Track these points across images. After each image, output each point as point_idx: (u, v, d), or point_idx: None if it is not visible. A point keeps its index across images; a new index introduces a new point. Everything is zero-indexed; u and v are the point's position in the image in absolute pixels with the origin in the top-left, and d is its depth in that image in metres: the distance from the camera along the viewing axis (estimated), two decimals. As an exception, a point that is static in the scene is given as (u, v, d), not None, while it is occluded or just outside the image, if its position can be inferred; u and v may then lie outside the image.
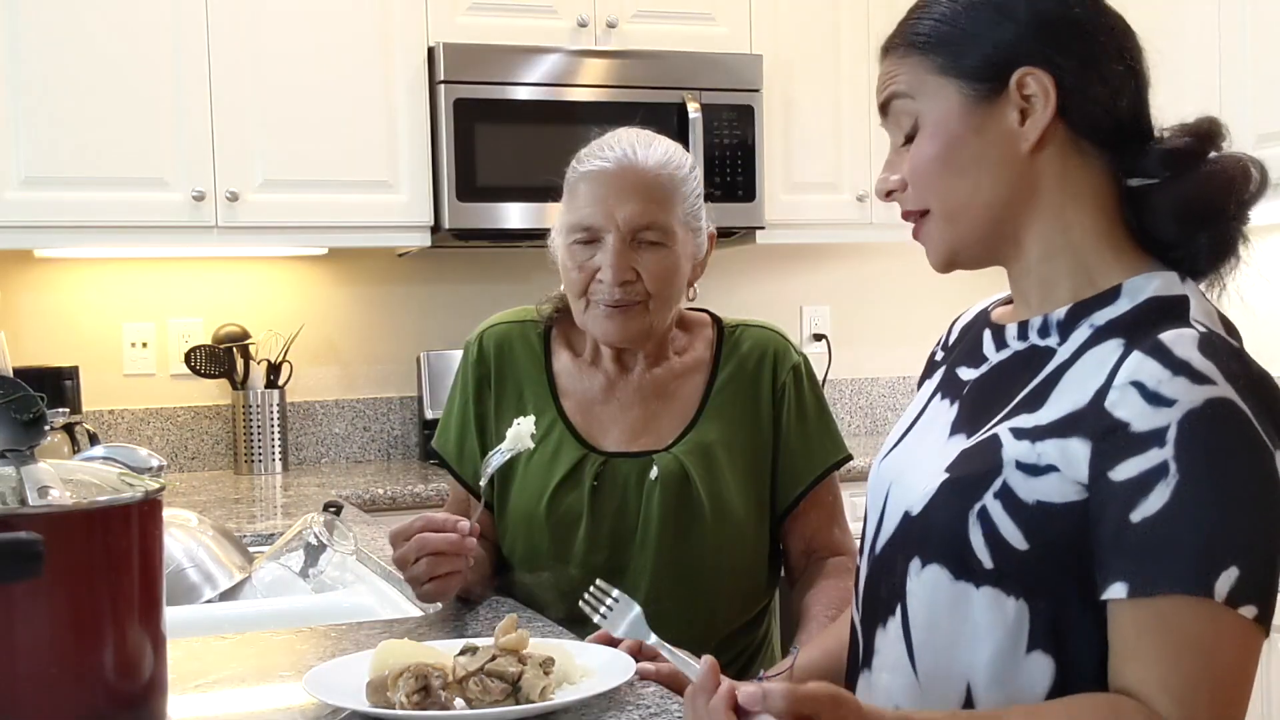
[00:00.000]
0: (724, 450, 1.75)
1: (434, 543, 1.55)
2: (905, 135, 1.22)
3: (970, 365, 1.27)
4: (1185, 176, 1.16)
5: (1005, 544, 1.12)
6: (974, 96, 1.18)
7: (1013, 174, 1.17)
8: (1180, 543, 1.04)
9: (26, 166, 2.97)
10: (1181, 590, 1.03)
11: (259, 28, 3.12)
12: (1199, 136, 1.18)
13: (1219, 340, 1.11)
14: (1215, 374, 1.07)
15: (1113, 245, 1.19)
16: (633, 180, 1.68)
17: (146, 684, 1.13)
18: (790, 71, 3.52)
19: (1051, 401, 1.14)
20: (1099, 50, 1.18)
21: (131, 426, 3.41)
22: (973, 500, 1.14)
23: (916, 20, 1.23)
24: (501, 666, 1.19)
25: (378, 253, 3.56)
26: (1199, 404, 1.06)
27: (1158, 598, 1.04)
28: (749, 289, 3.90)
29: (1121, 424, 1.07)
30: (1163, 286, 1.16)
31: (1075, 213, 1.18)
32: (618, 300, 1.69)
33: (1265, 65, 2.90)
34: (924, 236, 1.24)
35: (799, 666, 1.48)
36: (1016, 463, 1.12)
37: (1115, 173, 1.18)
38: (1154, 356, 1.08)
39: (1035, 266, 1.20)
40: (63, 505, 1.08)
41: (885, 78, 1.24)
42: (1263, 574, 1.05)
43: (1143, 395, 1.07)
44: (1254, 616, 1.04)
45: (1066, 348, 1.16)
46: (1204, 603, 1.03)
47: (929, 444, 1.24)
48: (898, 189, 1.24)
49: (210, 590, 1.88)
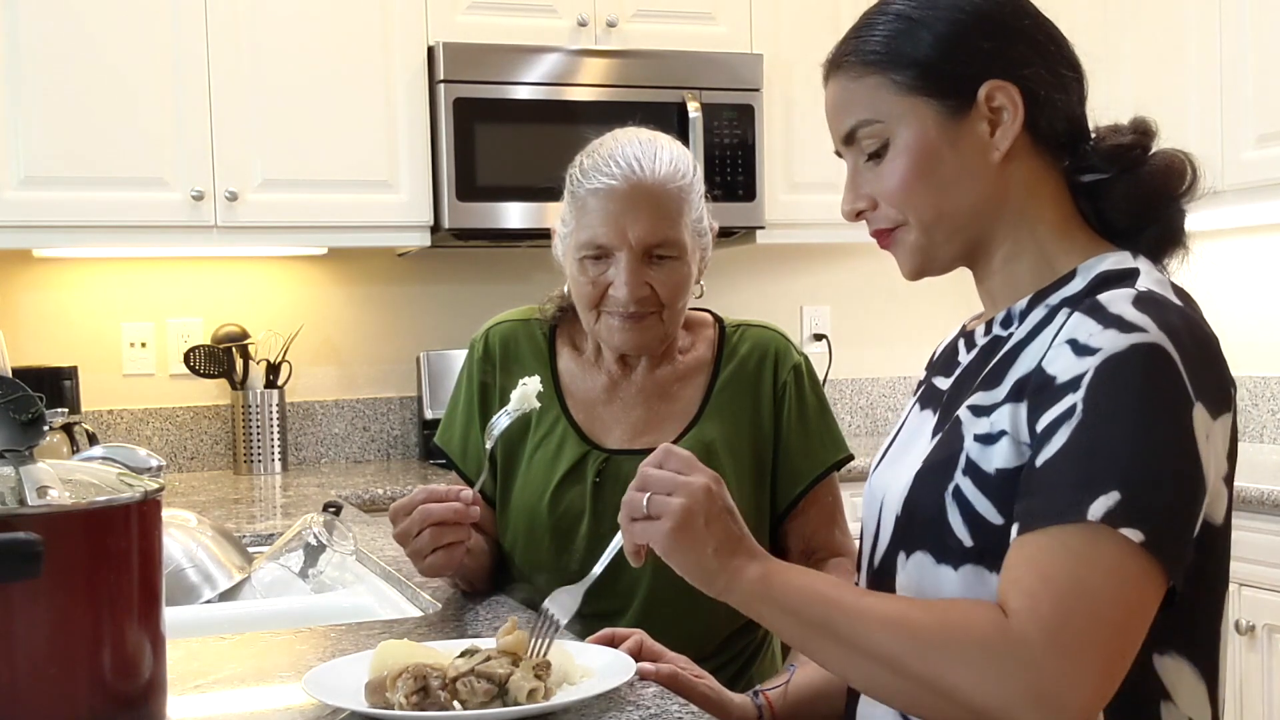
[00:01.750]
0: (725, 449, 1.75)
1: (438, 513, 1.56)
2: (869, 155, 1.25)
3: (946, 374, 1.31)
4: (1133, 170, 1.22)
5: (982, 520, 1.14)
6: (945, 112, 1.21)
7: (986, 183, 1.22)
8: (1064, 476, 1.06)
9: (25, 166, 2.97)
10: (1058, 520, 1.05)
11: (258, 27, 3.12)
12: (1139, 133, 1.24)
13: (1161, 298, 1.14)
14: (1148, 324, 1.10)
15: (1069, 235, 1.24)
16: (644, 197, 1.68)
17: (145, 684, 1.13)
18: (790, 71, 3.52)
19: (1006, 378, 1.18)
20: (1052, 59, 1.23)
21: (130, 426, 3.41)
22: (946, 481, 1.17)
23: (863, 37, 1.25)
24: (491, 668, 1.18)
25: (377, 252, 3.56)
26: (1122, 348, 1.09)
27: (1038, 531, 1.06)
28: (749, 289, 3.90)
29: (1051, 378, 1.11)
30: (1115, 263, 1.20)
31: (1037, 210, 1.23)
32: (633, 313, 1.70)
33: (1265, 65, 2.90)
34: (897, 247, 1.27)
35: (794, 683, 1.49)
36: (974, 435, 1.16)
37: (1067, 169, 1.24)
38: (1089, 314, 1.12)
39: (1001, 266, 1.25)
40: (62, 505, 1.08)
41: (842, 105, 1.27)
42: (1150, 499, 1.04)
43: (1073, 349, 1.11)
44: (1141, 541, 1.03)
45: (1022, 330, 1.21)
46: (1076, 526, 1.04)
47: (914, 452, 1.27)
48: (868, 208, 1.26)
49: (209, 590, 1.88)
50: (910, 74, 1.21)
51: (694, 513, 1.17)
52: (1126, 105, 1.29)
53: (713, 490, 1.19)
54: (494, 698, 1.17)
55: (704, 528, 1.17)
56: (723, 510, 1.20)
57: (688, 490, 1.19)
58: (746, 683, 1.67)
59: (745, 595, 1.16)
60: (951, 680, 1.05)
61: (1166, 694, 1.15)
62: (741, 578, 1.16)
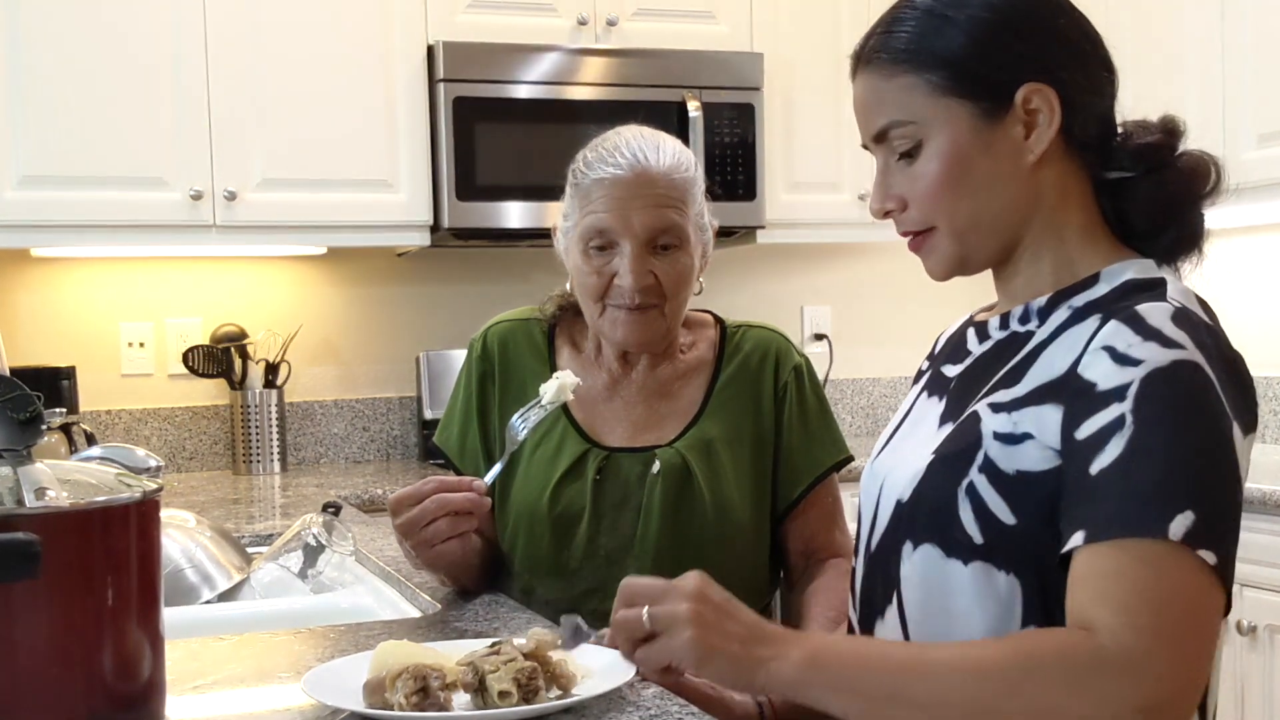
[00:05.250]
0: (725, 447, 1.75)
1: (455, 502, 1.56)
2: (900, 154, 1.22)
3: (954, 362, 1.29)
4: (1159, 170, 1.21)
5: (994, 518, 1.13)
6: (980, 115, 1.19)
7: (1019, 186, 1.20)
8: (1135, 488, 1.04)
9: (24, 165, 2.97)
10: (1136, 533, 1.03)
11: (257, 26, 3.12)
12: (1167, 133, 1.22)
13: (1195, 316, 1.14)
14: (1186, 341, 1.09)
15: (1094, 238, 1.23)
16: (649, 185, 1.69)
17: (144, 685, 1.12)
18: (791, 70, 3.52)
19: (1029, 376, 1.16)
20: (1088, 60, 1.22)
21: (129, 427, 3.40)
22: (960, 476, 1.15)
23: (893, 33, 1.22)
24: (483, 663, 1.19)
25: (377, 252, 3.56)
26: (1165, 364, 1.08)
27: (1114, 541, 1.03)
28: (749, 289, 3.90)
29: (1090, 384, 1.10)
30: (1140, 271, 1.19)
31: (1065, 213, 1.22)
32: (637, 304, 1.70)
33: (1265, 65, 2.90)
34: (928, 251, 1.25)
35: None
36: (994, 434, 1.15)
37: (1092, 168, 1.23)
38: (1128, 324, 1.11)
39: (1025, 267, 1.24)
40: (60, 506, 1.07)
41: (874, 103, 1.24)
42: (1218, 523, 1.04)
43: (1112, 357, 1.09)
44: (1213, 564, 1.02)
45: (1045, 329, 1.20)
46: (1160, 543, 1.02)
47: (919, 437, 1.26)
48: (897, 208, 1.24)
49: (208, 591, 1.88)
50: (944, 74, 1.18)
51: (703, 611, 1.10)
52: (1126, 105, 1.28)
53: (706, 582, 1.13)
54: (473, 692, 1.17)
55: (722, 623, 1.10)
56: (726, 599, 1.14)
57: (682, 592, 1.11)
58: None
59: (793, 683, 1.09)
60: (1048, 706, 1.01)
61: None
62: (785, 664, 1.09)
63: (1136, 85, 3.18)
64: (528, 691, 1.17)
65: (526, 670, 1.18)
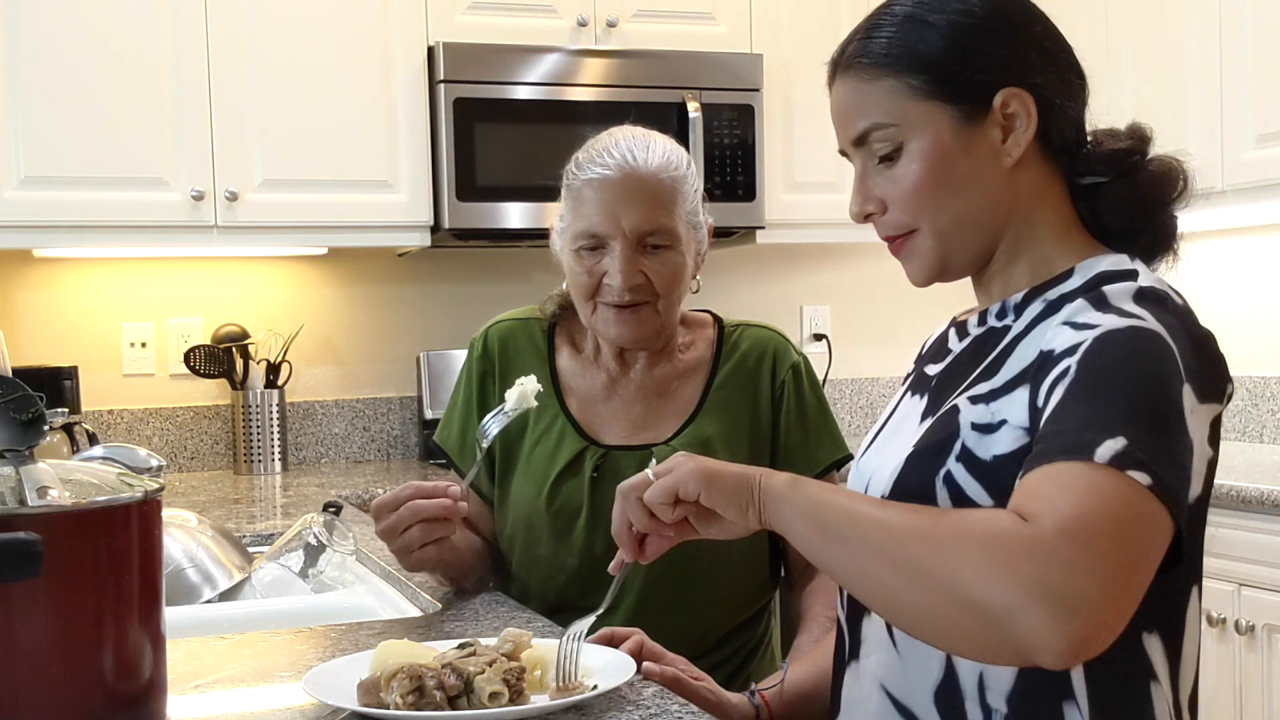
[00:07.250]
0: (723, 445, 1.76)
1: (427, 509, 1.57)
2: (880, 157, 1.24)
3: (936, 361, 1.32)
4: (1130, 174, 1.24)
5: (971, 503, 1.14)
6: (960, 118, 1.21)
7: (998, 188, 1.23)
8: (1067, 424, 1.06)
9: (26, 166, 2.97)
10: (1065, 457, 1.02)
11: (258, 27, 3.12)
12: (1136, 139, 1.26)
13: (1161, 294, 1.16)
14: (1145, 315, 1.12)
15: (1070, 238, 1.25)
16: (637, 186, 1.69)
17: (146, 684, 1.13)
18: (790, 71, 3.52)
19: (1005, 368, 1.18)
20: (1062, 66, 1.24)
21: (131, 426, 3.41)
22: (937, 466, 1.17)
23: (872, 38, 1.24)
24: (466, 664, 1.19)
25: (377, 253, 3.56)
26: (1119, 327, 1.10)
27: (1047, 464, 1.03)
28: (749, 289, 3.90)
29: (1049, 352, 1.13)
30: (1113, 264, 1.21)
31: (1041, 215, 1.24)
32: (627, 302, 1.71)
33: (1265, 65, 2.90)
34: (909, 254, 1.28)
35: (789, 680, 1.50)
36: (971, 424, 1.17)
37: (1067, 173, 1.26)
38: (1091, 302, 1.15)
39: (1003, 269, 1.27)
40: (62, 505, 1.08)
41: (854, 106, 1.25)
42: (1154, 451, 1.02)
43: (1071, 327, 1.13)
44: (1148, 485, 1.00)
45: (1020, 322, 1.22)
46: (1087, 465, 1.01)
47: (904, 435, 1.28)
48: (877, 211, 1.26)
49: (210, 590, 1.88)
50: (925, 78, 1.20)
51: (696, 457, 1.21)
52: (1127, 106, 1.29)
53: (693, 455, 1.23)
54: (459, 694, 1.17)
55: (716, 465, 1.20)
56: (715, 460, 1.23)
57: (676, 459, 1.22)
58: (744, 681, 1.67)
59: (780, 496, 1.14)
60: (957, 574, 1.00)
61: (1154, 674, 1.15)
62: (775, 479, 1.16)
63: (1136, 85, 3.20)
64: (514, 692, 1.18)
65: (515, 670, 1.19)
